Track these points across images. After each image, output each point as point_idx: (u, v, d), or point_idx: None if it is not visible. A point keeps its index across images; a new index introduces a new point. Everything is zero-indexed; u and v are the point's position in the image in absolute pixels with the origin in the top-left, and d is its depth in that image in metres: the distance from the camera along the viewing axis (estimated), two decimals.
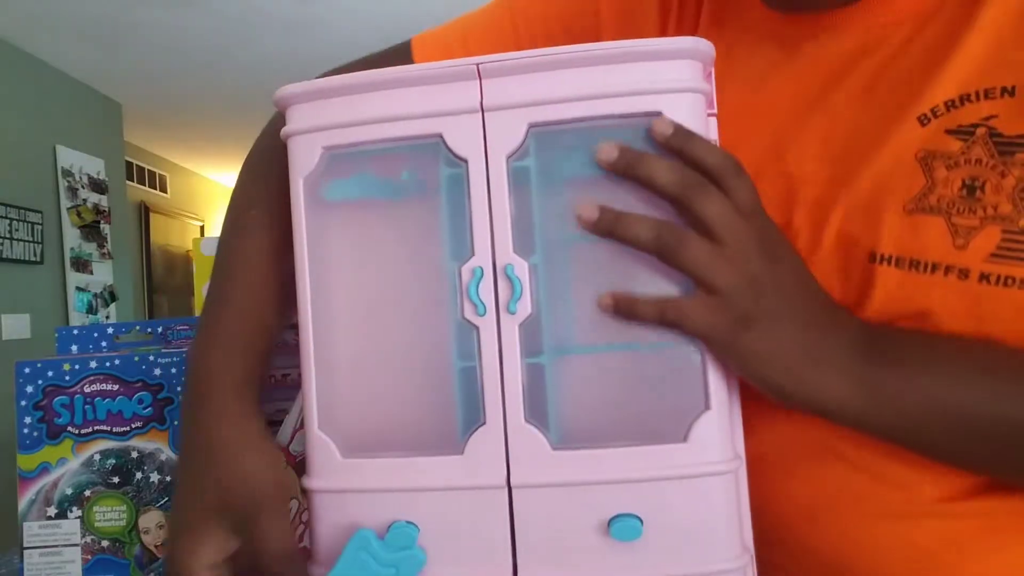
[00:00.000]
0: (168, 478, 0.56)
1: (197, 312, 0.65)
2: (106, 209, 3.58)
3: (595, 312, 0.36)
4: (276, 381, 0.73)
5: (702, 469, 0.35)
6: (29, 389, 0.56)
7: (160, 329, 0.64)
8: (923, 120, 0.37)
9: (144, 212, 4.60)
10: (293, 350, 0.74)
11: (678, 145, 0.35)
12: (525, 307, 0.36)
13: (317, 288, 0.40)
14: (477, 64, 0.37)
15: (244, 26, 2.97)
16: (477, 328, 0.37)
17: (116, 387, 0.56)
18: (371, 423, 0.39)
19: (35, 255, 3.04)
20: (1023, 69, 0.35)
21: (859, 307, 0.39)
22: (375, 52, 0.58)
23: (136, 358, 0.57)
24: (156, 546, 0.56)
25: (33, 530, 0.56)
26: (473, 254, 0.37)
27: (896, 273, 0.37)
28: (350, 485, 0.38)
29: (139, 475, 0.56)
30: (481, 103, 0.37)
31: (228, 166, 5.41)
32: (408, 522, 0.37)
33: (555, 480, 0.36)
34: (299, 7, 2.82)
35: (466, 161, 0.37)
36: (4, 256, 2.85)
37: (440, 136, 0.37)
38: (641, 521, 0.35)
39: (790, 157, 0.42)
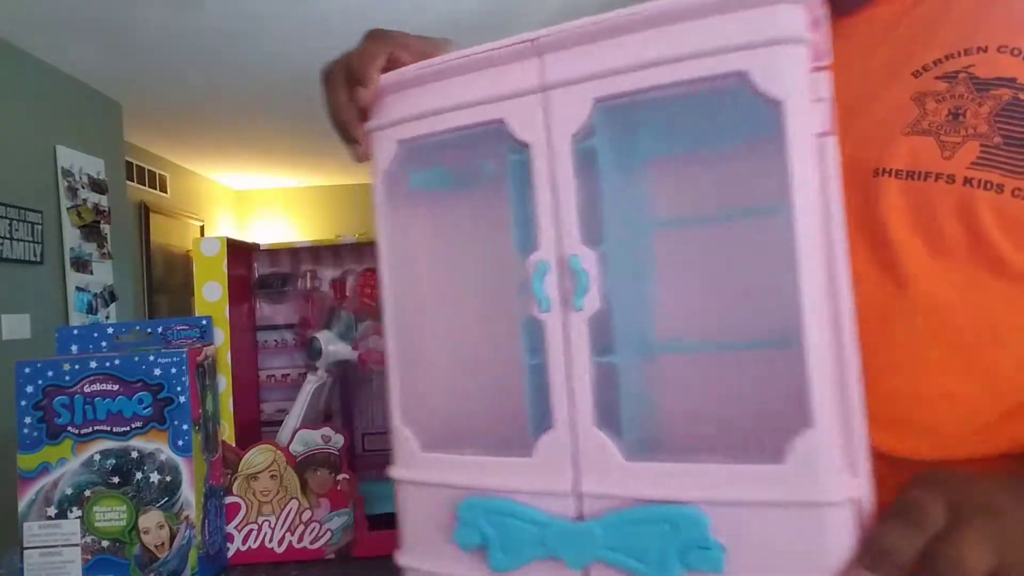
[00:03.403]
0: (168, 478, 0.56)
1: (197, 312, 0.65)
2: (106, 209, 3.58)
3: (683, 305, 0.33)
4: (276, 381, 0.74)
5: (801, 496, 0.29)
6: (29, 389, 0.56)
7: (160, 329, 0.64)
8: (916, 74, 0.48)
9: (144, 212, 4.59)
10: (293, 350, 0.74)
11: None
12: (593, 301, 0.33)
13: (397, 282, 0.39)
14: (533, 40, 0.34)
15: (244, 26, 2.97)
16: (543, 325, 0.34)
17: (116, 387, 0.56)
18: (448, 419, 0.39)
19: (35, 255, 3.03)
20: (991, 34, 0.47)
21: (870, 214, 0.46)
22: None
23: (136, 358, 0.57)
24: (156, 546, 0.56)
25: (33, 530, 0.56)
26: (538, 246, 0.34)
27: (896, 183, 0.45)
28: (427, 479, 0.37)
29: (139, 475, 0.56)
30: (542, 81, 0.34)
31: (228, 166, 5.41)
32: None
33: (626, 493, 0.32)
34: (299, 7, 2.82)
35: (528, 146, 0.34)
36: (4, 256, 2.84)
37: (502, 121, 0.35)
38: (724, 550, 0.30)
39: None
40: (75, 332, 0.62)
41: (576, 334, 0.33)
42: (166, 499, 0.56)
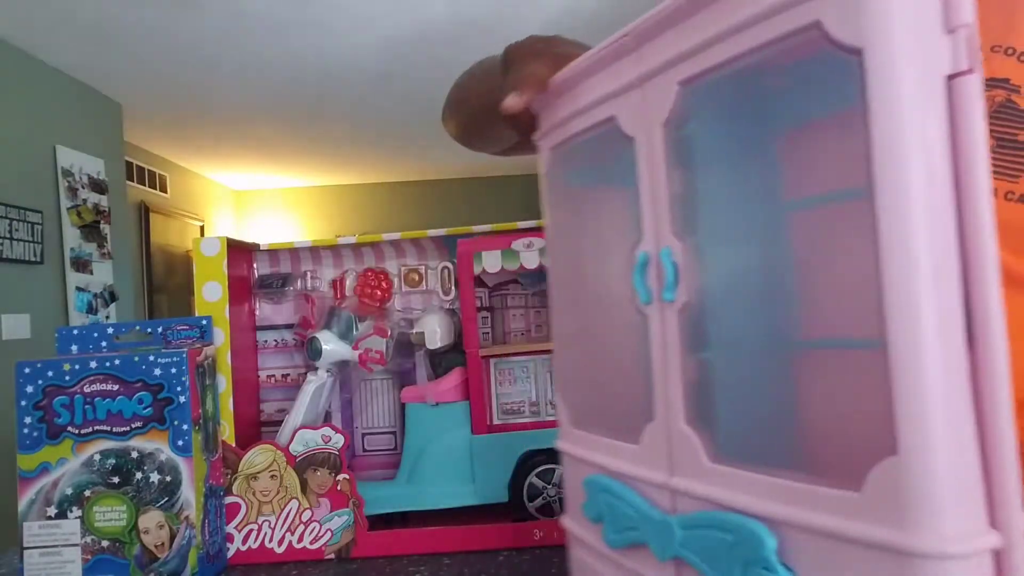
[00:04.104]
0: (168, 478, 0.56)
1: (197, 312, 0.65)
2: (106, 209, 3.58)
3: (792, 298, 0.30)
4: (276, 381, 0.73)
5: (882, 537, 0.23)
6: (29, 389, 0.56)
7: (160, 329, 0.64)
8: None
9: (144, 212, 4.60)
10: (293, 350, 0.74)
11: None
12: (681, 294, 0.32)
13: (558, 269, 0.43)
14: (628, 33, 0.34)
15: (244, 26, 2.97)
16: (646, 316, 0.34)
17: (116, 387, 0.56)
18: (590, 398, 0.41)
19: (35, 255, 3.04)
20: (983, 33, 0.46)
21: None
22: None
23: (136, 358, 0.57)
24: (156, 546, 0.56)
25: (33, 530, 0.56)
26: (641, 238, 0.34)
27: None
28: (570, 451, 0.40)
29: (139, 475, 0.56)
30: (639, 73, 0.34)
31: (228, 166, 5.41)
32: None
33: (706, 495, 0.31)
34: (298, 7, 2.82)
35: (633, 139, 0.34)
36: (4, 256, 2.84)
37: (614, 118, 0.36)
38: None
39: None
40: (75, 332, 0.62)
41: (668, 327, 0.33)
42: (166, 499, 0.56)
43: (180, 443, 0.56)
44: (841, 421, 0.28)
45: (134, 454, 0.56)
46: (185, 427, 0.56)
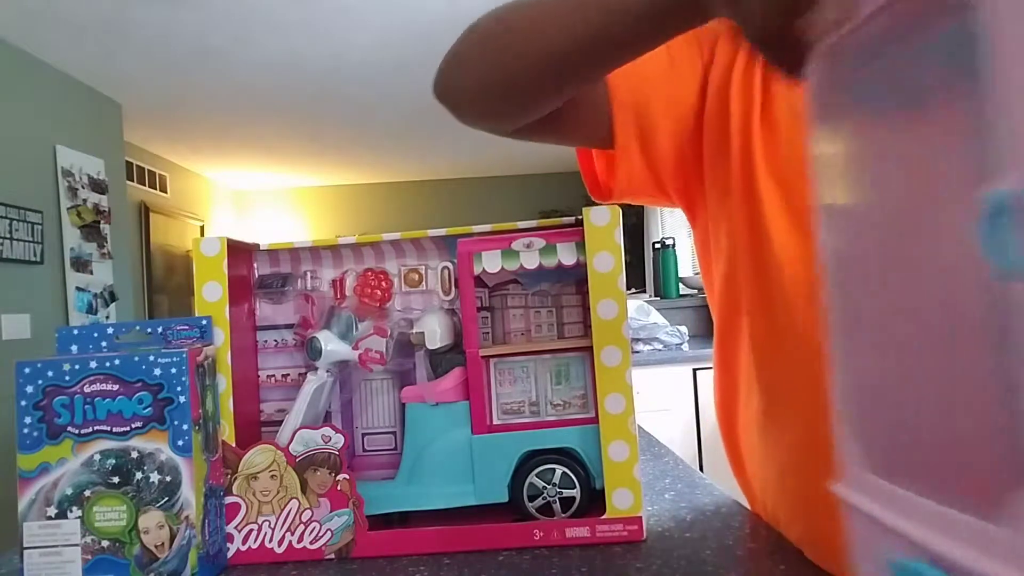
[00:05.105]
0: (168, 478, 0.56)
1: (197, 312, 0.65)
2: (106, 209, 3.58)
3: None
4: (276, 381, 0.73)
5: None
6: (29, 389, 0.56)
7: (160, 329, 0.64)
8: None
9: (144, 212, 4.60)
10: (293, 350, 0.74)
11: None
12: None
13: (834, 236, 0.29)
14: None
15: (243, 26, 2.97)
16: (1007, 296, 0.19)
17: (116, 387, 0.56)
18: (892, 429, 0.27)
19: (35, 255, 3.04)
20: None
21: None
22: None
23: (136, 358, 0.57)
24: (156, 546, 0.56)
25: (33, 530, 0.56)
26: (997, 169, 0.19)
27: None
28: (869, 510, 0.26)
29: (139, 475, 0.56)
30: None
31: (228, 165, 5.41)
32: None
33: None
34: (297, 7, 2.82)
35: (972, 7, 0.19)
36: (4, 256, 2.84)
37: None
38: None
39: None
40: (75, 332, 0.62)
41: None
42: (166, 499, 0.56)
43: (180, 443, 0.56)
44: None
45: (134, 454, 0.56)
46: (185, 427, 0.56)
